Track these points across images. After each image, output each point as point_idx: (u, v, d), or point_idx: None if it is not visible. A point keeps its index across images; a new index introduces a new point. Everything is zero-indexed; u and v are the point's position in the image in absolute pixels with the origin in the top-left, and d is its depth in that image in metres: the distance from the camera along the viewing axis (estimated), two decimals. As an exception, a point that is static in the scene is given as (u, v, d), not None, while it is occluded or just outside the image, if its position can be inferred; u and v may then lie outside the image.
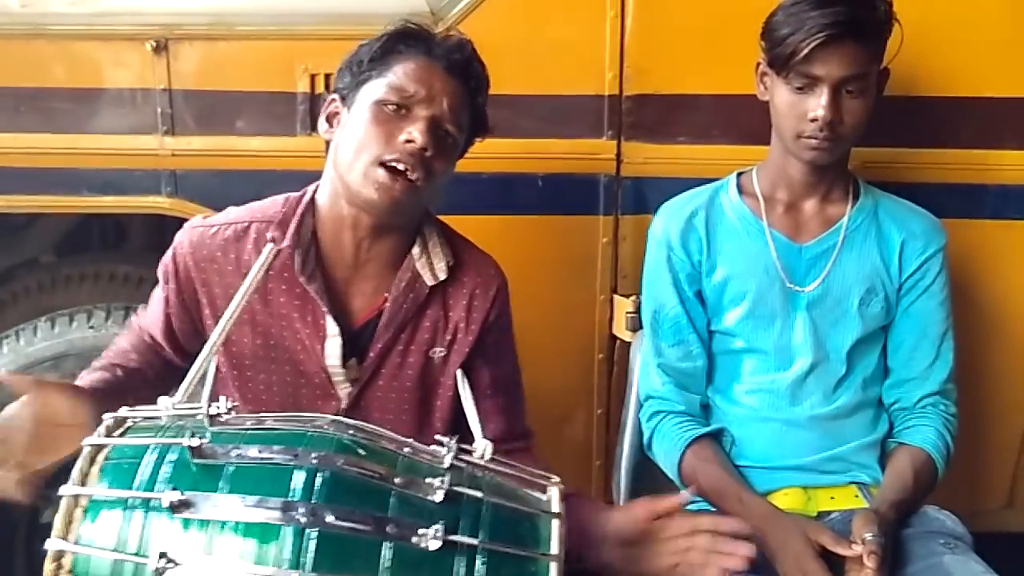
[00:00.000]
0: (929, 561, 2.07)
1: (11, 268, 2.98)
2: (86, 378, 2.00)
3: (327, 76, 2.46)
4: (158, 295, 2.13)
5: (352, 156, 1.95)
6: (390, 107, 1.95)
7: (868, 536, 1.98)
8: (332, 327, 2.03)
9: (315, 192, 2.08)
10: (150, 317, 2.15)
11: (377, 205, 1.95)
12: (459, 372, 2.10)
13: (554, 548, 1.48)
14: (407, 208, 1.99)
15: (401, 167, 1.92)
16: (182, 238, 2.09)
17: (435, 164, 1.96)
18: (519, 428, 2.20)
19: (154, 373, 2.10)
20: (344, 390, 2.06)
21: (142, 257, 2.94)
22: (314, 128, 2.45)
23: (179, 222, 2.44)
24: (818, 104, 2.11)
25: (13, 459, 1.78)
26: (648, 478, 2.41)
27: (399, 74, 1.97)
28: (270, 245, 2.00)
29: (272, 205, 2.09)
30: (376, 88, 1.97)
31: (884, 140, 2.45)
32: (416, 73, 1.97)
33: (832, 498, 2.24)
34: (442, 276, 2.08)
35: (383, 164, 1.92)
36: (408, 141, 1.92)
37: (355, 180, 1.95)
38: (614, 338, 2.62)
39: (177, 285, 2.08)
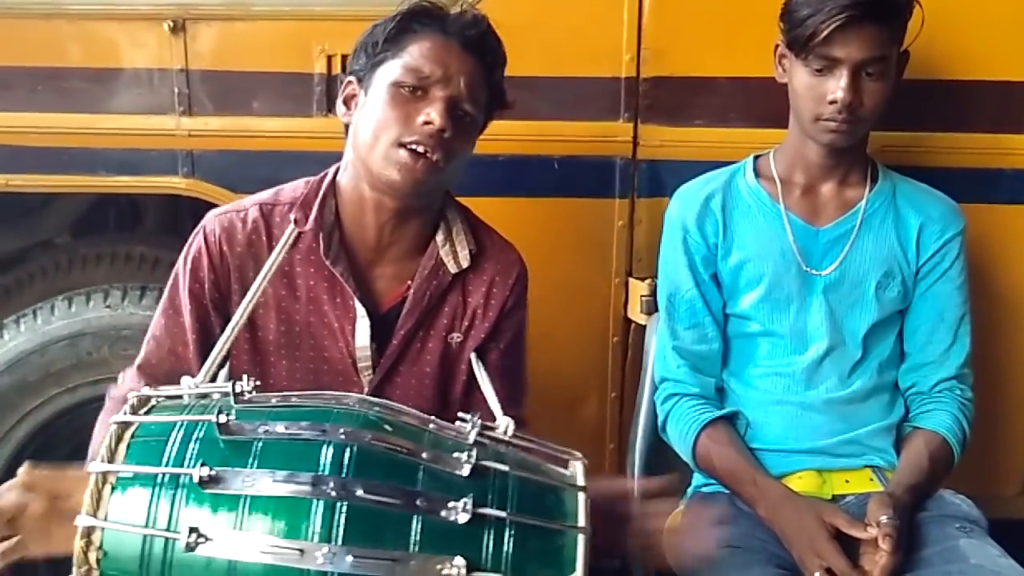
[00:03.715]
0: (945, 544, 2.07)
1: (27, 248, 2.99)
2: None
3: (344, 57, 2.44)
4: (181, 306, 2.05)
5: (371, 139, 1.94)
6: (407, 89, 1.94)
7: (883, 519, 1.98)
8: (360, 309, 2.03)
9: (336, 174, 2.08)
10: (173, 345, 2.06)
11: (399, 186, 1.94)
12: (473, 355, 2.11)
13: (581, 520, 1.48)
14: (429, 188, 1.99)
15: (421, 149, 1.91)
16: (211, 227, 2.05)
17: (454, 144, 1.95)
18: (511, 415, 2.17)
19: None
20: (367, 376, 2.06)
21: (157, 238, 2.96)
22: (331, 109, 2.46)
23: (195, 203, 2.46)
24: (837, 86, 2.10)
25: (19, 535, 1.59)
26: (662, 461, 2.41)
27: (414, 54, 1.95)
28: (292, 226, 2.00)
29: (294, 188, 2.09)
30: (392, 69, 1.96)
31: (902, 124, 2.44)
32: (432, 52, 1.96)
33: (847, 481, 2.24)
34: (465, 264, 2.08)
35: (403, 145, 1.92)
36: (427, 123, 1.91)
37: (376, 162, 1.94)
38: (629, 321, 2.62)
39: (215, 274, 2.04)
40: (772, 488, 2.17)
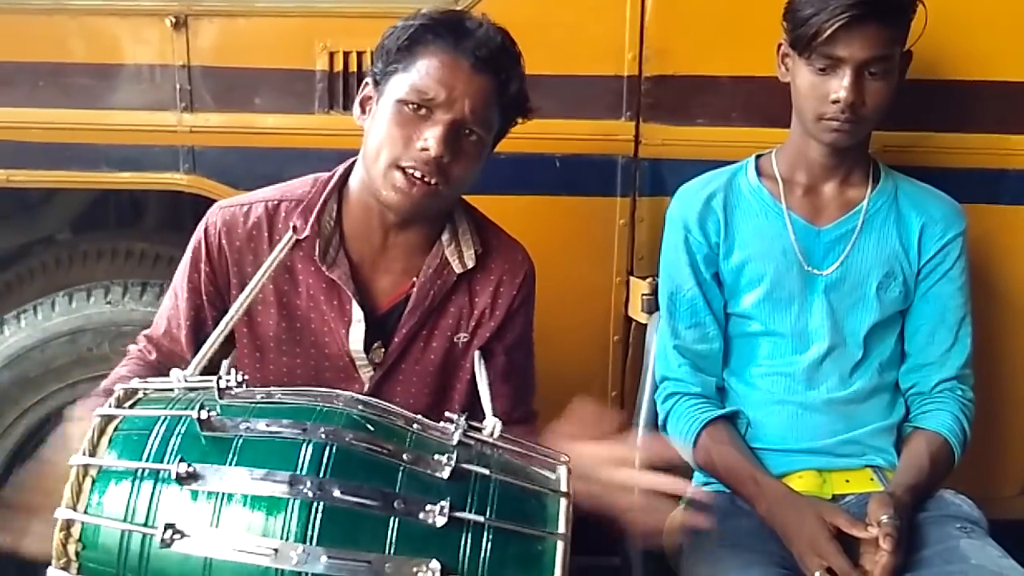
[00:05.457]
0: (945, 544, 2.06)
1: (28, 244, 2.99)
2: (80, 410, 1.85)
3: (346, 54, 2.46)
4: (180, 291, 2.08)
5: (373, 154, 1.94)
6: (411, 107, 1.92)
7: (884, 519, 1.98)
8: (357, 312, 2.03)
9: (346, 172, 2.07)
10: (170, 323, 2.10)
11: (395, 206, 1.95)
12: (477, 353, 2.11)
13: (561, 527, 1.48)
14: (427, 208, 1.98)
15: (418, 174, 1.91)
16: (213, 219, 2.07)
17: (454, 169, 1.94)
18: (522, 411, 2.19)
19: None
20: (367, 374, 2.07)
21: (158, 234, 2.96)
22: (332, 106, 2.47)
23: (196, 199, 2.46)
24: (840, 86, 2.09)
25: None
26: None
27: (422, 72, 1.93)
28: (290, 233, 2.00)
29: (301, 185, 2.09)
30: (400, 85, 1.94)
31: (905, 123, 2.43)
32: (439, 72, 1.92)
33: (847, 481, 2.24)
34: (470, 264, 2.08)
35: (401, 168, 1.91)
36: (424, 150, 1.90)
37: (376, 178, 1.94)
38: (630, 320, 2.61)
39: (211, 267, 2.05)
40: (773, 487, 2.16)
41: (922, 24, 2.19)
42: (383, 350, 2.08)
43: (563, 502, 1.51)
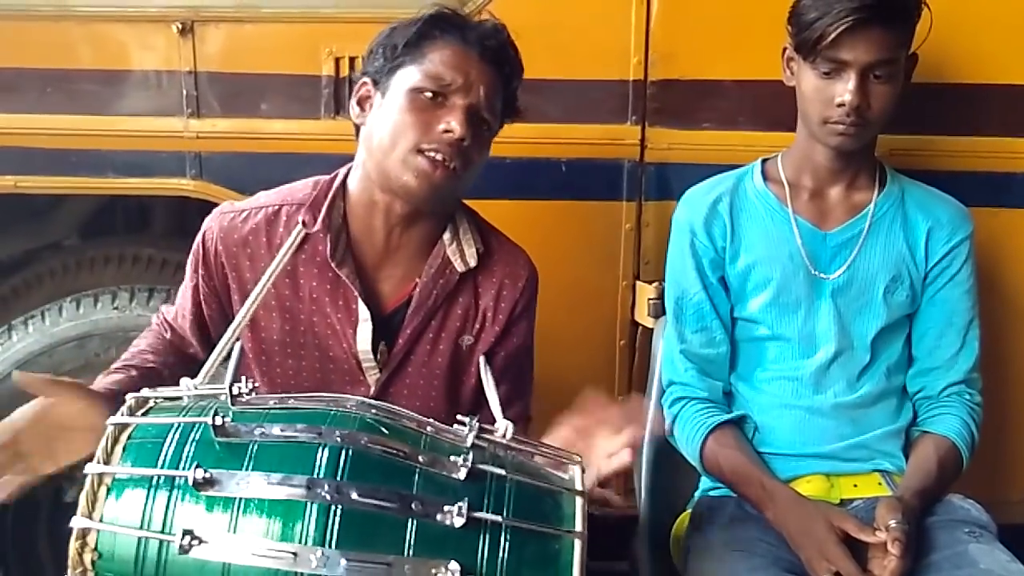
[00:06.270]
0: (954, 549, 2.05)
1: (36, 250, 2.99)
2: (100, 381, 1.97)
3: (352, 59, 2.46)
4: (187, 285, 2.12)
5: (388, 143, 1.94)
6: (427, 95, 1.94)
7: (892, 523, 1.97)
8: (364, 312, 2.03)
9: (346, 176, 2.08)
10: (179, 310, 2.14)
11: (415, 192, 1.95)
12: (482, 359, 2.11)
13: (578, 525, 1.48)
14: (445, 195, 1.99)
15: (440, 157, 1.92)
16: (211, 224, 2.08)
17: (472, 152, 1.96)
18: (514, 412, 2.15)
19: (169, 373, 2.04)
20: (373, 376, 2.07)
21: (165, 240, 2.96)
22: (338, 111, 2.47)
23: (203, 204, 2.47)
24: (845, 89, 2.09)
25: (22, 462, 1.76)
26: (669, 464, 2.40)
27: (435, 61, 1.95)
28: (299, 226, 2.00)
29: (303, 188, 2.09)
30: (411, 75, 1.96)
31: (911, 127, 2.43)
32: (452, 60, 1.95)
33: (855, 486, 2.23)
34: (472, 263, 2.08)
35: (421, 152, 1.92)
36: (447, 131, 1.91)
37: (393, 167, 1.94)
38: (636, 324, 2.61)
39: (207, 271, 2.07)
40: (780, 492, 2.16)
41: (927, 27, 2.18)
42: (388, 352, 2.08)
43: (579, 501, 1.51)
